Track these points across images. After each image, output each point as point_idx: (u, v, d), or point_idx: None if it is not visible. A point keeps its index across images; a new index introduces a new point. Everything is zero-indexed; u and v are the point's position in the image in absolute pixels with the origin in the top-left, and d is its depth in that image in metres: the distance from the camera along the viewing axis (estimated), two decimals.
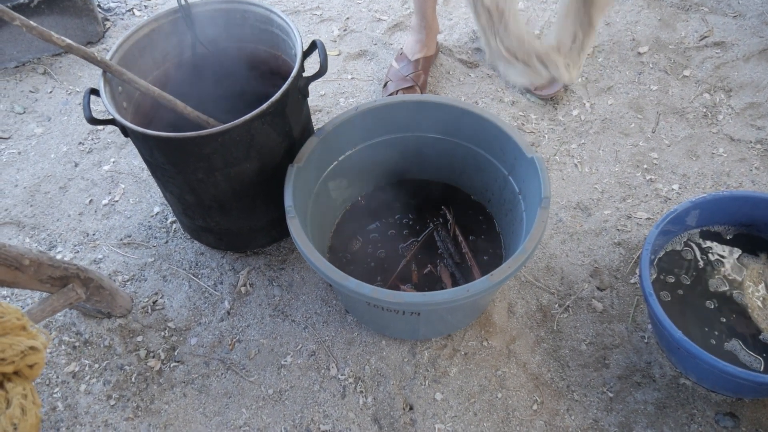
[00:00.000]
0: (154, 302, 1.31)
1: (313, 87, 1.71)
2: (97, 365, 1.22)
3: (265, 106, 1.05)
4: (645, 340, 1.21)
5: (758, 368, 1.07)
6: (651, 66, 1.71)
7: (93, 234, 1.43)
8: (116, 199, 1.50)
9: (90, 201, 1.50)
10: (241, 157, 1.11)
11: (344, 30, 1.89)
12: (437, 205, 1.39)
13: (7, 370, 0.72)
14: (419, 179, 1.43)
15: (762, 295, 1.16)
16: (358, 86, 1.73)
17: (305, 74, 1.17)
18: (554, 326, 1.24)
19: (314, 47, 1.16)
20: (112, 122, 1.09)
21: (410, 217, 1.38)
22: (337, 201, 1.36)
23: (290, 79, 1.09)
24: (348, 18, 1.93)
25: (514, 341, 1.22)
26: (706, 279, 1.19)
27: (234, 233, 1.30)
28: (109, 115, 1.07)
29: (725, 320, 1.14)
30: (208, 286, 1.33)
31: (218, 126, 1.04)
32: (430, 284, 1.27)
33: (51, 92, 1.77)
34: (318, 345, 1.23)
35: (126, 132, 1.10)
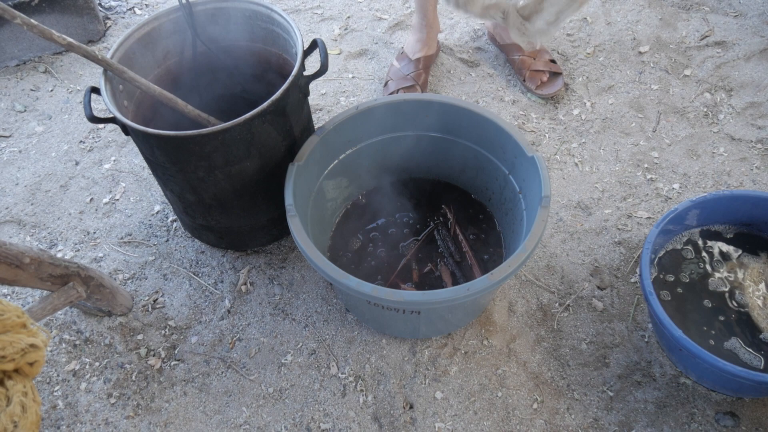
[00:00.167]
0: (155, 301, 1.31)
1: (314, 86, 1.71)
2: (98, 363, 1.22)
3: (266, 105, 1.05)
4: (645, 339, 1.21)
5: (758, 366, 1.07)
6: (652, 65, 1.71)
7: (93, 232, 1.44)
8: (117, 198, 1.50)
9: (91, 199, 1.50)
10: (242, 156, 1.11)
11: (345, 29, 1.89)
12: (438, 204, 1.39)
13: (8, 368, 0.72)
14: (420, 178, 1.43)
15: (762, 295, 1.16)
16: (359, 85, 1.73)
17: (306, 73, 1.17)
18: (554, 325, 1.24)
19: (315, 46, 1.16)
20: (113, 121, 1.09)
21: (411, 216, 1.38)
22: (338, 200, 1.36)
23: (291, 78, 1.09)
24: (349, 17, 1.93)
25: (515, 340, 1.22)
26: (707, 278, 1.19)
27: (234, 232, 1.30)
28: (110, 114, 1.08)
29: (725, 319, 1.14)
30: (209, 285, 1.33)
31: (219, 124, 1.04)
32: (431, 283, 1.27)
33: (52, 91, 1.77)
34: (318, 344, 1.23)
35: (127, 130, 1.10)
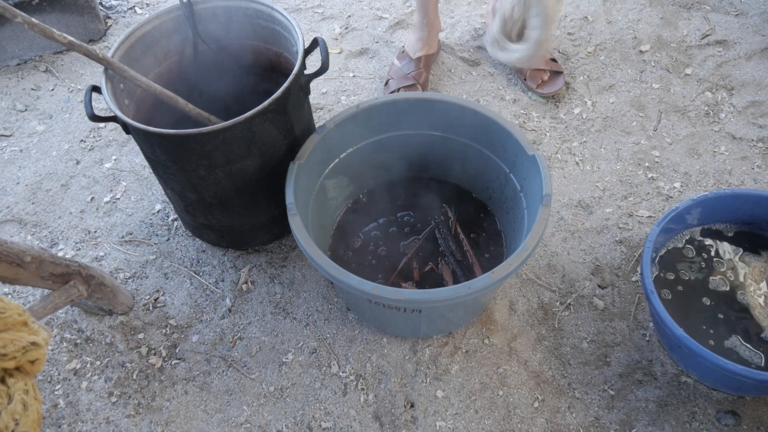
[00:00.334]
0: (156, 300, 1.31)
1: (315, 85, 1.71)
2: (99, 362, 1.22)
3: (267, 104, 1.05)
4: (646, 338, 1.20)
5: (759, 363, 1.07)
6: (653, 64, 1.71)
7: (94, 231, 1.44)
8: (118, 197, 1.50)
9: (91, 198, 1.50)
10: (243, 155, 1.11)
11: (346, 28, 1.89)
12: (438, 203, 1.39)
13: (9, 366, 0.72)
14: (420, 177, 1.43)
15: (763, 293, 1.16)
16: (360, 84, 1.73)
17: (307, 72, 1.17)
18: (555, 324, 1.24)
19: (316, 45, 1.16)
20: (114, 119, 1.09)
21: (411, 215, 1.38)
22: (339, 198, 1.36)
23: (292, 77, 1.09)
24: (349, 16, 1.93)
25: (516, 339, 1.22)
26: (708, 277, 1.19)
27: (235, 230, 1.30)
28: (111, 113, 1.07)
29: (726, 318, 1.14)
30: (210, 284, 1.33)
31: (220, 123, 1.04)
32: (432, 282, 1.27)
33: (53, 90, 1.77)
34: (319, 342, 1.23)
35: (128, 129, 1.10)
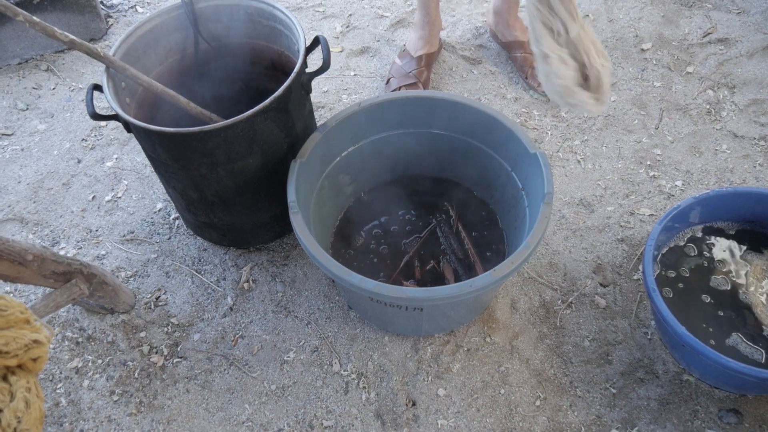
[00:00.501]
0: (157, 298, 1.31)
1: (316, 83, 1.71)
2: (100, 361, 1.22)
3: (268, 102, 1.05)
4: (648, 337, 1.20)
5: (761, 361, 1.07)
6: (654, 62, 1.71)
7: (96, 230, 1.44)
8: (119, 196, 1.50)
9: (93, 197, 1.50)
10: (244, 153, 1.11)
11: (347, 26, 1.89)
12: (440, 201, 1.39)
13: (11, 364, 0.72)
14: (422, 175, 1.43)
15: (765, 291, 1.16)
16: (361, 83, 1.73)
17: (308, 70, 1.17)
18: (557, 322, 1.24)
19: (317, 43, 1.16)
20: (115, 118, 1.09)
21: (413, 213, 1.38)
22: (340, 197, 1.36)
23: (293, 75, 1.09)
24: (351, 15, 1.93)
25: (517, 337, 1.22)
26: (709, 275, 1.19)
27: (237, 229, 1.30)
28: (113, 111, 1.07)
29: (728, 316, 1.13)
30: (211, 282, 1.33)
31: (221, 121, 1.04)
32: (433, 280, 1.27)
33: (54, 89, 1.77)
34: (321, 341, 1.23)
35: (129, 128, 1.10)
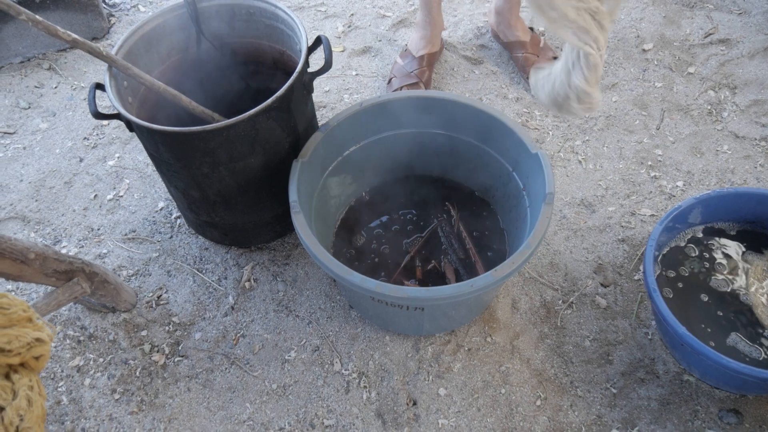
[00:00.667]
0: (159, 297, 1.31)
1: (318, 83, 1.71)
2: (102, 359, 1.22)
3: (270, 101, 1.06)
4: (648, 337, 1.20)
5: (758, 358, 1.07)
6: (656, 63, 1.71)
7: (98, 229, 1.44)
8: (121, 195, 1.50)
9: (95, 196, 1.51)
10: (246, 152, 1.11)
11: (349, 26, 1.89)
12: (441, 201, 1.39)
13: (14, 362, 0.72)
14: (423, 175, 1.43)
15: (766, 292, 1.16)
16: (363, 82, 1.73)
17: (310, 70, 1.17)
18: (558, 322, 1.24)
19: (319, 43, 1.16)
20: (118, 117, 1.09)
21: (414, 213, 1.38)
22: (341, 196, 1.36)
23: (295, 74, 1.09)
24: (352, 14, 1.93)
25: (518, 337, 1.22)
26: (710, 275, 1.19)
27: (238, 228, 1.30)
28: (115, 110, 1.08)
29: (729, 317, 1.14)
30: (213, 281, 1.33)
31: (223, 121, 1.04)
32: (434, 280, 1.27)
33: (56, 88, 1.77)
34: (322, 340, 1.23)
35: (131, 127, 1.11)
